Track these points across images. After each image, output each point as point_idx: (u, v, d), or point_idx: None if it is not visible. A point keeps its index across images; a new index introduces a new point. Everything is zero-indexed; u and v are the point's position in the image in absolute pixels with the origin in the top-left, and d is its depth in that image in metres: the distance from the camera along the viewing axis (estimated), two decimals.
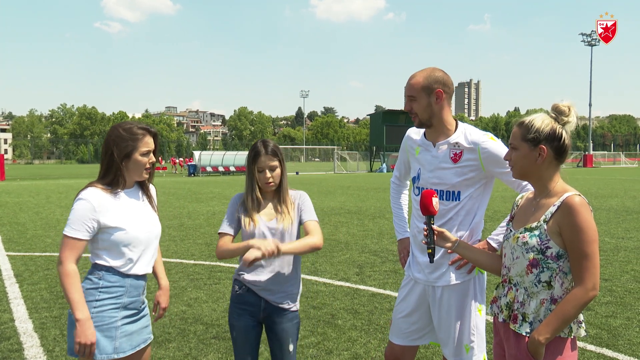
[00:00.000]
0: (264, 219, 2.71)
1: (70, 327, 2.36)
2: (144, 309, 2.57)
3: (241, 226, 2.72)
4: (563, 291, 2.05)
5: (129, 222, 2.43)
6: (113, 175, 2.45)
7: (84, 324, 2.28)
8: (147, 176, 2.54)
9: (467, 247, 2.39)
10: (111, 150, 2.44)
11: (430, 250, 2.32)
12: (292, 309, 2.74)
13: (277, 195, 2.75)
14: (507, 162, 2.21)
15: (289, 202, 2.75)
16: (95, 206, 2.36)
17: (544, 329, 2.00)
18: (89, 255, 2.47)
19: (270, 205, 2.75)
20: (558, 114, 2.10)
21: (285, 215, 2.71)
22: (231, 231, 2.73)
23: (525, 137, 2.10)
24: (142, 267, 2.50)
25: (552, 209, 2.06)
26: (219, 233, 2.74)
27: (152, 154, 2.52)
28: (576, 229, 1.98)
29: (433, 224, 2.34)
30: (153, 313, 2.75)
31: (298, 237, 2.75)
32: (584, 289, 1.98)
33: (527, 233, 2.09)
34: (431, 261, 2.34)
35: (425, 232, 2.33)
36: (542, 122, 2.08)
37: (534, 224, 2.09)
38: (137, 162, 2.46)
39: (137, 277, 2.48)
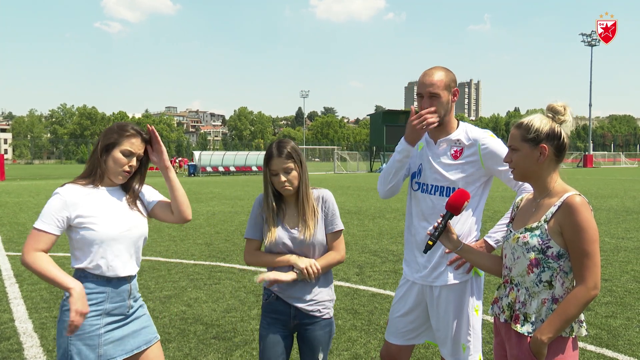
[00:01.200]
0: (287, 226, 2.58)
1: (59, 337, 2.29)
2: (133, 312, 2.45)
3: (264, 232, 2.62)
4: (564, 291, 2.06)
5: (101, 219, 2.32)
6: (92, 168, 2.38)
7: (81, 291, 2.19)
8: (122, 180, 2.41)
9: (471, 250, 2.38)
10: (98, 142, 2.38)
11: (430, 243, 2.26)
12: (324, 317, 2.62)
13: (297, 200, 2.58)
14: (508, 164, 2.21)
15: (311, 207, 2.59)
16: (67, 201, 2.29)
17: (547, 329, 2.00)
18: (71, 260, 2.39)
19: (294, 211, 2.60)
20: (554, 113, 2.13)
21: (308, 224, 2.56)
22: (258, 236, 2.63)
23: (525, 137, 2.12)
24: (120, 269, 2.36)
25: (553, 209, 2.07)
26: (246, 238, 2.65)
27: (134, 159, 2.39)
28: (577, 228, 2.00)
29: (450, 219, 2.29)
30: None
31: (326, 242, 2.63)
32: (585, 288, 1.99)
33: (528, 233, 2.10)
34: (425, 252, 2.28)
35: (436, 225, 2.27)
36: (540, 121, 2.11)
37: (535, 224, 2.10)
38: (115, 159, 2.35)
39: (119, 281, 2.36)
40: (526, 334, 2.07)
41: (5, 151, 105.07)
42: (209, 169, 39.98)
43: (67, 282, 2.19)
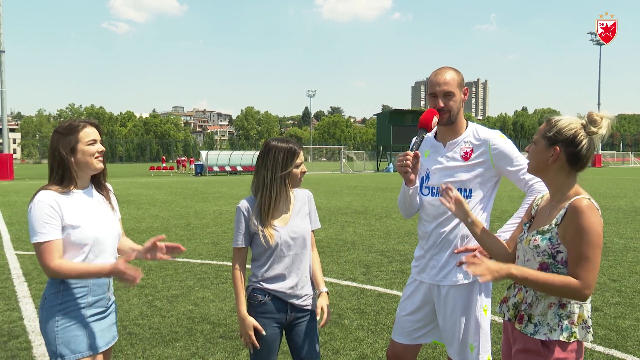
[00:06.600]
0: (281, 224, 2.65)
1: (46, 331, 2.32)
2: (110, 305, 2.53)
3: (260, 237, 2.60)
4: None
5: (84, 220, 2.36)
6: (63, 173, 2.38)
7: (121, 262, 2.26)
8: (101, 165, 2.44)
9: (482, 228, 2.35)
10: (57, 150, 2.37)
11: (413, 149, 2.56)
12: (311, 308, 2.74)
13: (294, 195, 2.75)
14: (518, 157, 2.21)
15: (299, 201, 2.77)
16: (52, 204, 2.29)
17: (518, 269, 2.01)
18: None
19: (284, 208, 2.69)
20: (589, 122, 2.05)
21: (305, 217, 2.73)
22: (247, 243, 2.66)
23: (545, 133, 2.09)
24: None
25: (563, 212, 2.04)
26: (237, 248, 2.65)
27: (98, 143, 2.43)
28: (580, 230, 1.95)
29: (424, 137, 2.60)
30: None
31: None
32: (581, 283, 1.94)
33: (539, 236, 2.08)
34: (410, 149, 2.59)
35: (414, 143, 2.56)
36: (567, 124, 2.05)
37: (546, 227, 2.08)
38: (84, 151, 2.38)
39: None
40: (528, 335, 2.07)
41: (14, 151, 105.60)
42: (215, 168, 40.06)
43: (104, 267, 2.30)
